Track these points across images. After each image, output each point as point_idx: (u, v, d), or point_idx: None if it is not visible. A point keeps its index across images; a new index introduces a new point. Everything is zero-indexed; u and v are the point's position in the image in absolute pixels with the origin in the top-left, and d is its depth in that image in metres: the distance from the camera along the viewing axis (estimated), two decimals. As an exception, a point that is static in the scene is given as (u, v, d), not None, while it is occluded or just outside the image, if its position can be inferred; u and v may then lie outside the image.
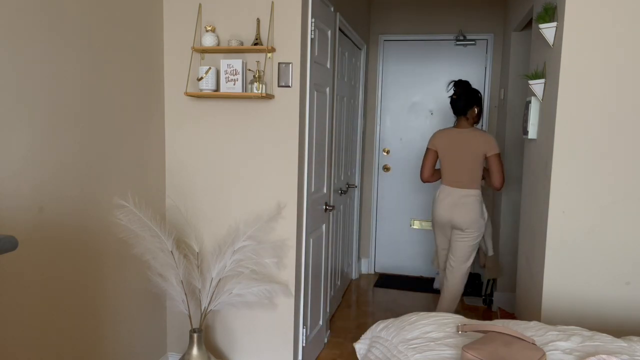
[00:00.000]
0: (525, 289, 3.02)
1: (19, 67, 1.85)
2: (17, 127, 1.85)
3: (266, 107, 2.70)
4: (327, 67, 3.17)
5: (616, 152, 2.45)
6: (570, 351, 1.83)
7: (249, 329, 2.88)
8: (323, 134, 3.15)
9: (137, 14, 2.54)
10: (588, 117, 2.46)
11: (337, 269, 4.04)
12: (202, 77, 2.60)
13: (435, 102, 4.84)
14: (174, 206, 2.87)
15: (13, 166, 1.84)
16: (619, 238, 2.48)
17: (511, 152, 4.02)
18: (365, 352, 2.13)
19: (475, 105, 3.35)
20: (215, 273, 2.60)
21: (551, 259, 2.56)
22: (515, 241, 3.98)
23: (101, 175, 2.33)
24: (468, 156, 3.31)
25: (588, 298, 2.54)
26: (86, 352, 2.28)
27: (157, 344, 2.90)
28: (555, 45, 2.58)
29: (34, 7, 1.89)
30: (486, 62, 4.72)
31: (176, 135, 2.84)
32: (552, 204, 2.53)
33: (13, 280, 1.87)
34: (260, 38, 2.61)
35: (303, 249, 2.86)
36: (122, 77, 2.44)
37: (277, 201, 2.74)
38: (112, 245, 2.42)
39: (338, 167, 3.82)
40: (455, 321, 2.07)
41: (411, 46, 4.88)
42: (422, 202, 4.96)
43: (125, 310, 2.56)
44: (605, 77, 2.43)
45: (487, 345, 1.68)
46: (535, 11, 3.02)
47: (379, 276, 5.00)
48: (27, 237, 1.91)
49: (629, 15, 2.38)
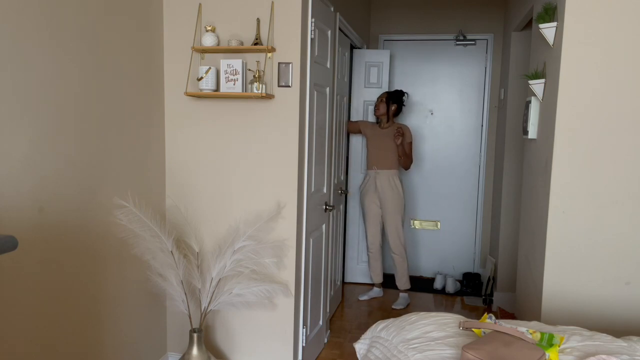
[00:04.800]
0: (525, 288, 3.02)
1: (19, 68, 1.85)
2: (17, 127, 1.85)
3: (266, 107, 2.70)
4: (327, 67, 3.17)
5: (616, 152, 2.45)
6: (570, 351, 1.84)
7: (249, 328, 2.88)
8: (323, 134, 3.15)
9: (137, 14, 2.54)
10: (588, 117, 2.46)
11: (337, 268, 4.04)
12: (202, 77, 2.60)
13: (435, 102, 4.84)
14: (174, 206, 2.87)
15: (13, 166, 1.84)
16: (619, 238, 2.48)
17: (511, 152, 4.02)
18: (365, 352, 2.13)
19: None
20: (215, 273, 2.60)
21: (551, 259, 2.56)
22: (515, 241, 3.98)
23: (101, 175, 2.33)
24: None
25: (588, 298, 2.54)
26: (86, 352, 2.28)
27: (157, 344, 2.90)
28: (555, 45, 2.58)
29: (33, 7, 1.89)
30: (486, 62, 4.73)
31: (176, 135, 2.84)
32: (552, 204, 2.53)
33: (13, 280, 1.87)
34: (260, 38, 2.61)
35: (303, 249, 2.86)
36: (122, 77, 2.44)
37: (277, 201, 2.74)
38: (112, 245, 2.42)
39: (338, 167, 3.82)
40: (455, 321, 2.07)
41: (411, 46, 4.88)
42: (423, 202, 4.96)
43: (125, 310, 2.56)
44: (605, 77, 2.43)
45: (487, 345, 1.68)
46: (535, 11, 3.02)
47: (379, 276, 5.00)
48: (27, 237, 1.91)
49: (629, 15, 2.38)
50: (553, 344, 1.79)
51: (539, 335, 1.86)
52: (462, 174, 4.87)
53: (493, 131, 4.73)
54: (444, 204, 4.88)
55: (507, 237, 4.09)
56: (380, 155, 4.15)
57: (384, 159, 4.14)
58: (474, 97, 4.79)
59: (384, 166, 4.15)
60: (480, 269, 4.87)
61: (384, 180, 4.14)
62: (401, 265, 4.23)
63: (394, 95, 4.15)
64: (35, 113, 1.93)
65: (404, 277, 4.25)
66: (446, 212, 4.92)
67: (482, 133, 4.79)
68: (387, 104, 4.13)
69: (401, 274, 4.24)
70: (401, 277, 4.25)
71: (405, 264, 4.24)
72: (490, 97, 4.72)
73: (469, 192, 4.89)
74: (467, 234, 4.93)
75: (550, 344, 1.79)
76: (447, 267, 4.97)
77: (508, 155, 4.05)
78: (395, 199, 4.13)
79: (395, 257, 4.22)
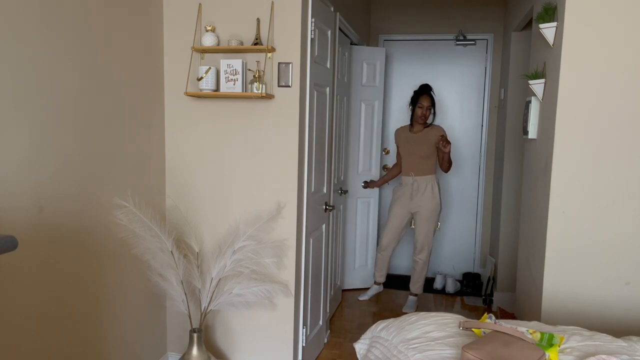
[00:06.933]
0: (525, 288, 3.02)
1: (19, 68, 1.85)
2: (17, 127, 1.85)
3: (266, 107, 2.70)
4: (327, 67, 3.17)
5: (616, 152, 2.45)
6: (570, 351, 1.84)
7: (249, 328, 2.88)
8: (323, 134, 3.15)
9: (137, 14, 2.54)
10: (588, 117, 2.46)
11: (337, 268, 4.04)
12: (202, 77, 2.60)
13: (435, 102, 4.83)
14: (174, 206, 2.87)
15: (13, 166, 1.84)
16: (619, 238, 2.48)
17: (511, 152, 4.02)
18: (365, 352, 2.13)
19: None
20: (215, 273, 2.60)
21: (551, 259, 2.56)
22: (515, 241, 3.98)
23: (101, 175, 2.33)
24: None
25: (588, 298, 2.54)
26: (86, 352, 2.28)
27: (157, 344, 2.90)
28: (555, 45, 2.58)
29: (32, 6, 1.89)
30: (486, 62, 4.73)
31: (176, 135, 2.84)
32: (552, 204, 2.53)
33: (13, 280, 1.87)
34: (260, 38, 2.61)
35: (303, 249, 2.86)
36: (122, 77, 2.44)
37: (277, 201, 2.74)
38: (112, 245, 2.42)
39: (338, 167, 3.82)
40: (455, 321, 2.07)
41: (411, 46, 4.88)
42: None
43: (125, 310, 2.56)
44: (605, 77, 2.43)
45: (487, 345, 1.69)
46: (535, 11, 3.02)
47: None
48: (27, 237, 1.91)
49: (629, 15, 2.38)
50: (553, 344, 1.79)
51: (539, 335, 1.86)
52: (462, 173, 4.87)
53: (493, 131, 4.73)
54: (443, 204, 4.87)
55: (507, 237, 4.09)
56: (415, 161, 4.01)
57: (421, 165, 4.00)
58: (474, 97, 4.79)
59: (422, 172, 4.00)
60: (480, 269, 4.87)
61: (421, 187, 4.01)
62: (421, 270, 4.14)
63: (432, 98, 4.00)
64: (35, 113, 1.93)
65: (420, 281, 4.17)
66: (446, 211, 4.92)
67: (482, 133, 4.79)
68: (432, 108, 4.00)
69: (417, 278, 4.17)
70: (417, 280, 4.18)
71: (425, 270, 4.14)
72: (490, 97, 4.73)
73: (469, 192, 4.89)
74: (467, 234, 4.93)
75: (550, 344, 1.79)
76: (447, 267, 4.97)
77: (508, 155, 4.04)
78: (431, 206, 4.00)
79: (418, 262, 4.13)
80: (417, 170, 4.02)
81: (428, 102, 3.97)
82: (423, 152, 3.98)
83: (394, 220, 4.15)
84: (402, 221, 4.15)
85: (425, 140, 3.98)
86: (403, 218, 4.14)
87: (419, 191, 4.02)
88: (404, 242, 4.89)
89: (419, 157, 4.00)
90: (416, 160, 4.02)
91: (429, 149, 3.97)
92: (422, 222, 4.05)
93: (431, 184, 4.02)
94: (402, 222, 4.16)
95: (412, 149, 4.03)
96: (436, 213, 4.06)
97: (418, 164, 4.01)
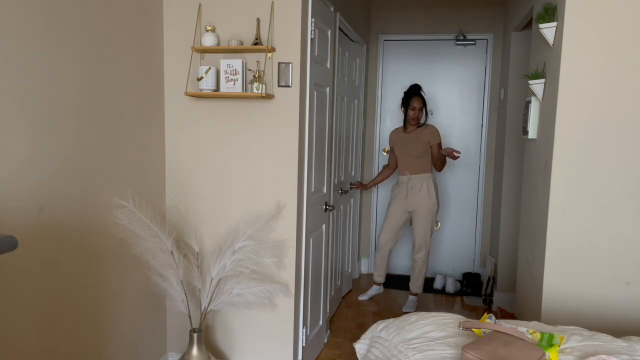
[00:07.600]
0: (525, 288, 3.02)
1: (19, 68, 1.85)
2: (17, 127, 1.85)
3: (266, 107, 2.70)
4: (327, 67, 3.17)
5: (616, 152, 2.45)
6: (570, 351, 1.84)
7: (248, 328, 2.88)
8: (323, 134, 3.15)
9: (137, 13, 2.54)
10: (588, 117, 2.46)
11: (337, 268, 4.04)
12: (202, 77, 2.60)
13: (435, 102, 4.84)
14: (174, 206, 2.87)
15: (13, 166, 1.84)
16: (618, 238, 2.48)
17: (511, 152, 4.02)
18: (365, 352, 2.13)
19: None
20: (215, 273, 2.60)
21: (551, 259, 2.56)
22: (515, 241, 3.98)
23: (101, 175, 2.33)
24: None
25: (588, 298, 2.54)
26: (86, 352, 2.28)
27: (157, 344, 2.90)
28: (555, 45, 2.58)
29: (32, 6, 1.89)
30: (486, 62, 4.72)
31: (176, 135, 2.84)
32: (552, 204, 2.53)
33: (13, 280, 1.87)
34: (260, 38, 2.61)
35: (303, 248, 2.86)
36: (122, 77, 2.44)
37: (277, 201, 2.74)
38: (112, 245, 2.42)
39: (338, 167, 3.82)
40: (455, 321, 2.07)
41: (411, 46, 4.88)
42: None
43: (125, 310, 2.56)
44: (605, 77, 2.43)
45: (487, 345, 1.69)
46: (535, 11, 3.02)
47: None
48: (27, 237, 1.91)
49: (629, 15, 2.38)
50: (553, 344, 1.79)
51: (539, 335, 1.86)
52: (461, 173, 4.87)
53: (493, 131, 4.73)
54: (443, 204, 4.87)
55: (507, 237, 4.09)
56: (410, 160, 4.06)
57: (415, 164, 4.05)
58: (474, 97, 4.79)
59: (416, 171, 4.05)
60: (480, 269, 4.87)
61: (416, 185, 4.06)
62: (420, 269, 4.17)
63: (423, 98, 4.07)
64: (35, 113, 1.93)
65: (419, 281, 4.20)
66: (446, 211, 4.92)
67: (482, 133, 4.79)
68: (424, 108, 4.06)
69: (417, 277, 4.19)
70: (416, 280, 4.20)
71: (424, 270, 4.18)
72: (490, 97, 4.72)
73: (468, 192, 4.89)
74: (467, 234, 4.93)
75: (550, 344, 1.79)
76: (447, 267, 4.97)
77: (508, 155, 4.05)
78: (427, 204, 4.04)
79: (417, 261, 4.15)
80: (412, 169, 4.07)
81: (419, 104, 4.03)
82: (417, 152, 4.04)
83: (391, 218, 4.19)
84: (399, 219, 4.18)
85: (419, 139, 4.04)
86: (400, 216, 4.17)
87: (414, 190, 4.07)
88: (403, 241, 4.88)
89: (412, 156, 4.06)
90: (410, 160, 4.07)
91: (422, 148, 4.02)
92: (420, 221, 4.08)
93: (426, 182, 4.06)
94: (400, 221, 4.18)
95: (406, 149, 4.09)
96: (433, 212, 4.08)
97: (412, 163, 4.07)
